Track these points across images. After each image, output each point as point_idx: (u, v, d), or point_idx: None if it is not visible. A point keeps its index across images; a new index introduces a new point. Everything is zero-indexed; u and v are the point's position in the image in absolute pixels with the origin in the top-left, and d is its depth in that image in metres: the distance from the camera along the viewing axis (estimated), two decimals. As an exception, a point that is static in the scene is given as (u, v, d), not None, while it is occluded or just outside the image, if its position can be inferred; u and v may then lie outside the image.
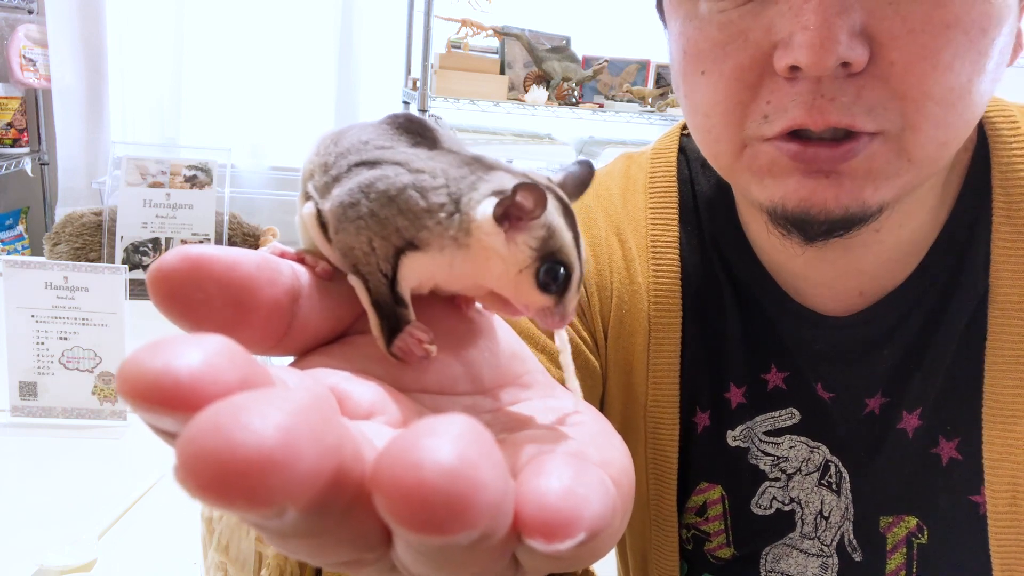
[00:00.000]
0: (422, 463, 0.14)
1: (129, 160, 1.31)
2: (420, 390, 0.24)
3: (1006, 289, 0.48)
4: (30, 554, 0.66)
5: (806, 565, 0.55)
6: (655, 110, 2.25)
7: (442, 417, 0.15)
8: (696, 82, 0.43)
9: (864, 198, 0.40)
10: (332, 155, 0.25)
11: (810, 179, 0.40)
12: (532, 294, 0.24)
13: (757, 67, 0.40)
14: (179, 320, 0.20)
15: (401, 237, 0.23)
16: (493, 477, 0.14)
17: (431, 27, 1.93)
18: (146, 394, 0.14)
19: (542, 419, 0.24)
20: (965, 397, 0.50)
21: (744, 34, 0.40)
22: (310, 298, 0.23)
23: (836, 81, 0.38)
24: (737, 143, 0.43)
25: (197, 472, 0.13)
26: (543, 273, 0.23)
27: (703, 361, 0.55)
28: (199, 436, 0.13)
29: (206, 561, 0.53)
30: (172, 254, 0.20)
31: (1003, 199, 0.49)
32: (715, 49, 0.41)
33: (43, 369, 0.89)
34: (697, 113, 0.44)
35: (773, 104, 0.40)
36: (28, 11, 2.19)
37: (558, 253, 0.23)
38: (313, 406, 0.14)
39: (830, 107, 0.38)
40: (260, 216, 1.58)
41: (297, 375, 0.20)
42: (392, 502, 0.14)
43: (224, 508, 0.13)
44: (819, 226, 0.42)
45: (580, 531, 0.15)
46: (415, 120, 0.26)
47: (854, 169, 0.40)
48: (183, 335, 0.16)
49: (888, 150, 0.40)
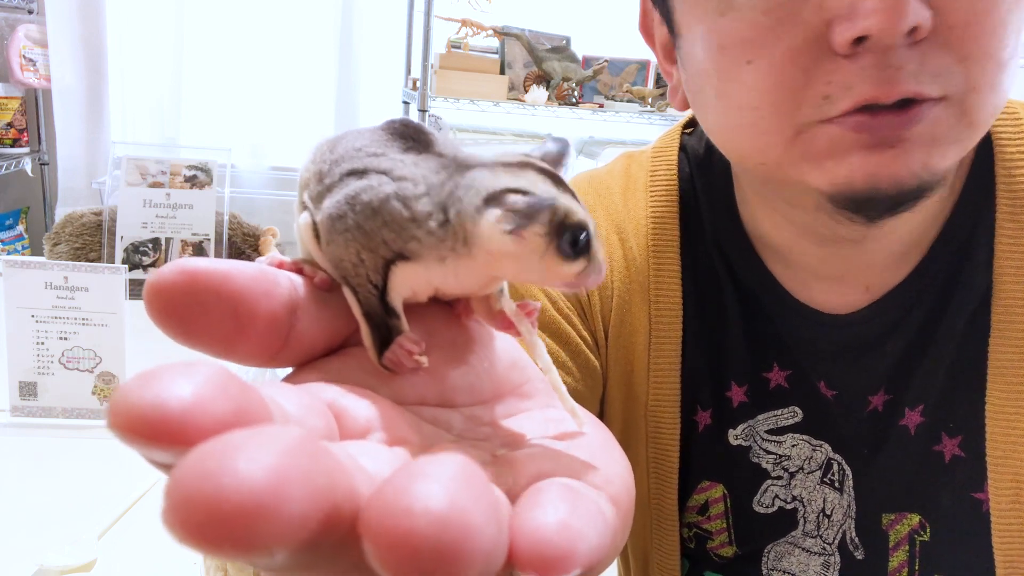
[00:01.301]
0: (412, 510, 0.13)
1: (129, 160, 1.31)
2: (419, 402, 0.23)
3: (1009, 286, 0.48)
4: (30, 554, 0.66)
5: (808, 563, 0.55)
6: (655, 110, 2.25)
7: (434, 458, 0.15)
8: (740, 75, 0.41)
9: (932, 164, 0.39)
10: (327, 163, 0.25)
11: (875, 154, 0.39)
12: (562, 268, 0.23)
13: (811, 48, 0.39)
14: (176, 334, 0.20)
15: (389, 249, 0.23)
16: (485, 522, 0.14)
17: (431, 27, 1.93)
18: (136, 429, 0.14)
19: (542, 432, 0.24)
20: (968, 394, 0.50)
21: (794, 15, 0.39)
22: (308, 309, 0.23)
23: (900, 49, 0.37)
24: (789, 131, 0.41)
25: (184, 518, 0.13)
26: (567, 245, 0.23)
27: (704, 360, 0.55)
28: (186, 480, 0.13)
29: (206, 561, 0.52)
30: (168, 268, 0.20)
31: (1007, 195, 0.49)
32: (764, 35, 0.39)
33: (43, 369, 0.89)
34: (740, 109, 0.42)
35: (835, 84, 0.38)
36: (28, 11, 2.20)
37: (567, 220, 0.23)
38: (303, 444, 0.14)
39: (898, 76, 0.37)
40: (260, 216, 1.57)
41: (294, 393, 0.19)
42: (380, 550, 0.13)
43: (212, 554, 0.13)
44: (887, 201, 0.40)
45: (575, 566, 0.15)
46: (410, 125, 0.26)
47: (919, 135, 0.39)
48: (175, 364, 0.15)
49: (950, 114, 0.39)
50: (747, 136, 0.43)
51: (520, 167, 0.24)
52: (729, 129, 0.45)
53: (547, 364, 0.25)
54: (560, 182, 0.24)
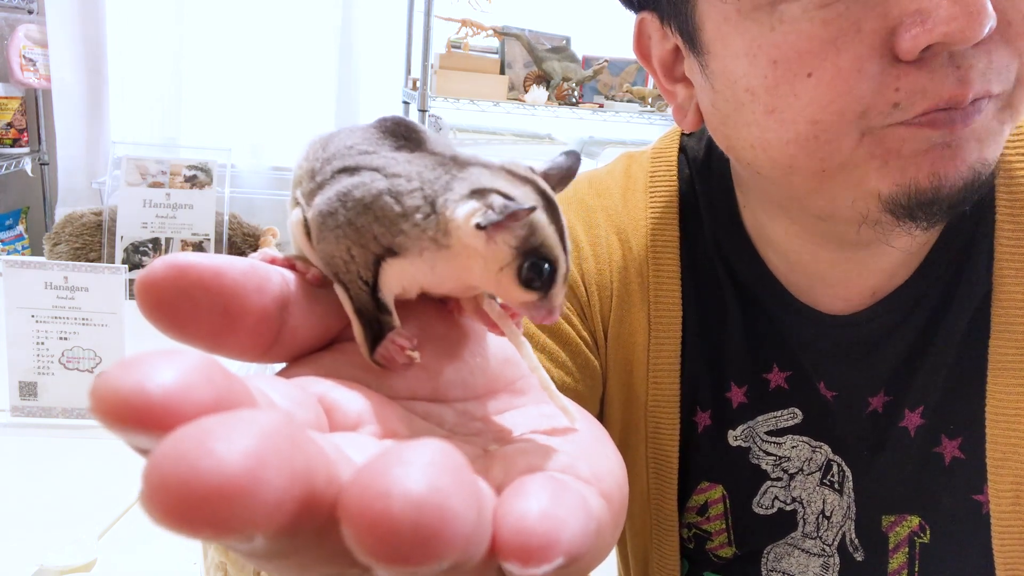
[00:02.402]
0: (391, 493, 0.13)
1: (129, 160, 1.31)
2: (411, 397, 0.23)
3: (1009, 288, 0.48)
4: (30, 554, 0.66)
5: (808, 564, 0.55)
6: (655, 110, 2.25)
7: (415, 443, 0.15)
8: (797, 89, 0.40)
9: (986, 156, 0.39)
10: (319, 160, 0.25)
11: (933, 154, 0.39)
12: (515, 291, 0.23)
13: (876, 56, 0.38)
14: (167, 329, 0.20)
15: (379, 244, 0.23)
16: (465, 507, 0.14)
17: (431, 27, 1.93)
18: (117, 413, 0.14)
19: (535, 428, 0.24)
20: (968, 396, 0.50)
21: (857, 24, 0.38)
22: (299, 305, 0.23)
23: (967, 51, 0.37)
24: (854, 138, 0.40)
25: (161, 500, 0.12)
26: (525, 270, 0.23)
27: (704, 361, 0.55)
28: (163, 463, 0.13)
29: (206, 561, 0.53)
30: (158, 263, 0.20)
31: (1006, 198, 0.49)
32: (824, 47, 0.38)
33: (43, 369, 0.89)
34: (797, 122, 0.40)
35: (904, 90, 0.38)
36: (28, 11, 2.19)
37: (540, 248, 0.23)
38: (282, 428, 0.14)
39: (970, 76, 0.37)
40: (260, 216, 1.57)
41: (283, 385, 0.19)
42: (358, 533, 0.13)
43: (190, 536, 0.13)
44: (946, 201, 0.40)
45: (557, 555, 0.15)
46: (401, 123, 0.26)
47: (974, 131, 0.39)
48: (159, 351, 0.15)
49: (998, 108, 0.39)
50: (805, 149, 0.41)
51: (522, 180, 0.24)
52: (783, 143, 0.42)
53: (534, 363, 0.25)
54: (554, 212, 0.24)
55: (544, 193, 0.24)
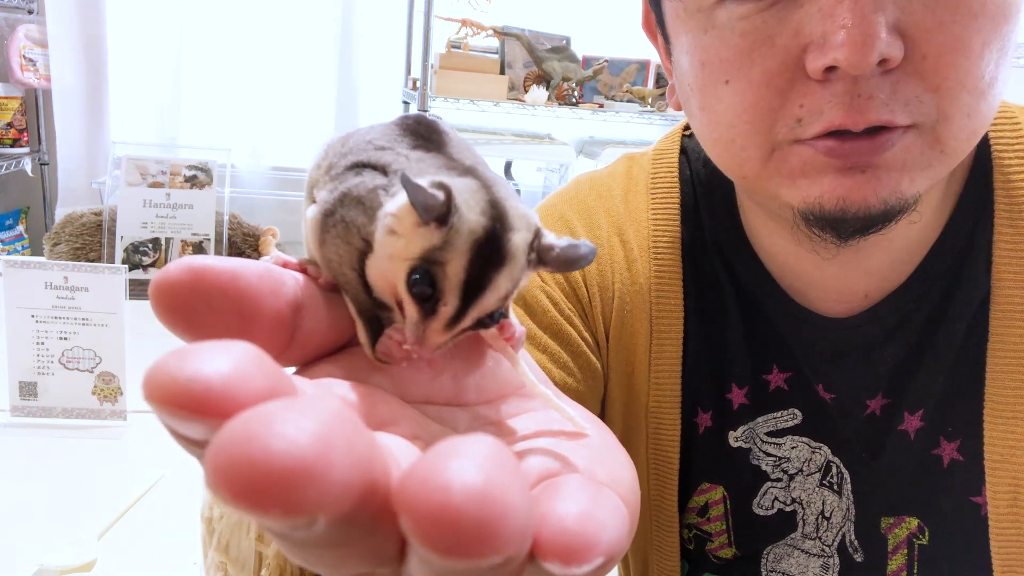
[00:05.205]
0: (450, 485, 0.13)
1: (129, 160, 1.31)
2: (424, 401, 0.24)
3: (1008, 290, 0.48)
4: (30, 554, 0.66)
5: (807, 565, 0.55)
6: (655, 110, 2.25)
7: (467, 438, 0.15)
8: (718, 93, 0.42)
9: (901, 190, 0.40)
10: (337, 155, 0.25)
11: (846, 177, 0.40)
12: (403, 293, 0.22)
13: (786, 71, 0.39)
14: (182, 332, 0.20)
15: (359, 237, 0.23)
16: (520, 502, 0.14)
17: (431, 27, 1.93)
18: (176, 400, 0.14)
19: (547, 433, 0.24)
20: (966, 398, 0.50)
21: (771, 39, 0.39)
22: (313, 308, 0.23)
23: (872, 79, 0.38)
24: (765, 149, 0.42)
25: (231, 480, 0.13)
26: (413, 275, 0.21)
27: (705, 362, 0.55)
28: (232, 444, 0.13)
29: (206, 561, 0.53)
30: (175, 265, 0.20)
31: (1005, 201, 0.49)
32: (740, 57, 0.40)
33: (43, 369, 0.89)
34: (719, 124, 0.43)
35: (807, 107, 0.39)
36: (28, 11, 2.19)
37: (438, 266, 0.21)
38: (344, 414, 0.14)
39: (868, 105, 0.38)
40: (260, 216, 1.57)
41: (308, 385, 0.19)
42: (421, 524, 0.13)
43: (257, 516, 0.13)
44: (855, 223, 0.41)
45: (598, 555, 0.15)
46: (423, 122, 0.26)
47: (889, 161, 0.39)
48: (208, 342, 0.15)
49: (922, 142, 0.39)
50: (726, 150, 0.44)
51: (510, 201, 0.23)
52: (712, 141, 0.46)
53: (532, 382, 0.24)
54: (486, 257, 0.21)
55: (492, 237, 0.21)
